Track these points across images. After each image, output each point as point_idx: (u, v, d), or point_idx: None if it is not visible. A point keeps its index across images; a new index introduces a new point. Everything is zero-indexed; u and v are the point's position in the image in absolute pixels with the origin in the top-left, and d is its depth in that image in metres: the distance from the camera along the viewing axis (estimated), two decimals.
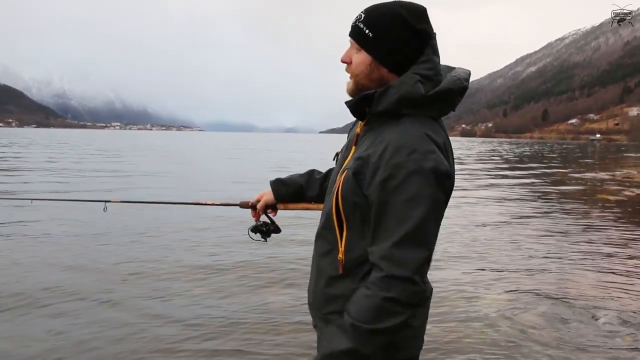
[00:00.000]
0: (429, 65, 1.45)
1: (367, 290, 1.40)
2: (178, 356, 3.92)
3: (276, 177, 2.02)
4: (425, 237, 1.37)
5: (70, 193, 13.39)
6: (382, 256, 1.37)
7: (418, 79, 1.42)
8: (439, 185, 1.36)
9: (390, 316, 1.37)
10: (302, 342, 4.14)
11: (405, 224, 1.34)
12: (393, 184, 1.36)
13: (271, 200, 1.98)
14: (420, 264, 1.36)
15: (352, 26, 1.52)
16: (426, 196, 1.34)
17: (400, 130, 1.41)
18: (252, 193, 2.16)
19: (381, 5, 1.49)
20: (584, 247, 7.94)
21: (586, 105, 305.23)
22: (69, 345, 4.02)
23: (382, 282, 1.36)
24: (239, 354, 3.97)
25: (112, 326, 4.40)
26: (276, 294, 5.35)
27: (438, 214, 1.40)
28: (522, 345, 4.21)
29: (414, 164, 1.34)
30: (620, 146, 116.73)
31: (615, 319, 4.80)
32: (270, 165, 27.45)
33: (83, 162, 25.51)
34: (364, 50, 1.50)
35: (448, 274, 6.16)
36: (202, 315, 4.72)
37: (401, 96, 1.41)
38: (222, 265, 6.36)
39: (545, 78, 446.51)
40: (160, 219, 9.26)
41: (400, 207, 1.35)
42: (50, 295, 5.11)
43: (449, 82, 1.45)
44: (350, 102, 1.53)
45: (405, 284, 1.35)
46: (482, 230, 9.17)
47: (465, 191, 15.43)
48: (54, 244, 7.34)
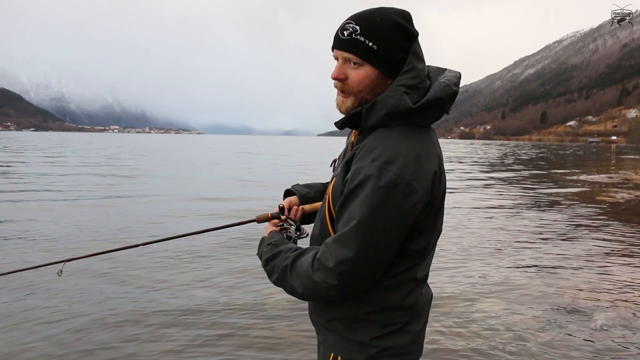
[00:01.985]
0: (413, 74, 1.41)
1: (310, 257, 1.43)
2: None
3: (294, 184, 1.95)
4: (360, 240, 1.33)
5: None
6: (325, 242, 1.40)
7: (403, 90, 1.39)
8: (394, 197, 1.31)
9: (296, 282, 1.44)
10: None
11: (348, 224, 1.35)
12: (351, 186, 1.36)
13: (295, 202, 1.86)
14: (348, 263, 1.34)
15: (346, 40, 1.42)
16: (374, 204, 1.32)
17: (379, 136, 1.40)
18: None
19: (371, 14, 1.42)
20: (580, 249, 7.96)
21: (584, 107, 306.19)
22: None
23: (315, 262, 1.40)
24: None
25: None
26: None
27: (387, 224, 1.33)
28: (518, 347, 4.23)
29: (372, 170, 1.32)
30: (619, 148, 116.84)
31: (610, 321, 4.82)
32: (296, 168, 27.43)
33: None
34: (368, 64, 1.42)
35: (445, 278, 6.18)
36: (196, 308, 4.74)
37: (388, 111, 1.39)
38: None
39: (543, 80, 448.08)
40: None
41: (351, 208, 1.36)
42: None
43: (437, 89, 1.41)
44: (339, 123, 1.52)
45: (327, 275, 1.37)
46: (478, 233, 9.19)
47: (461, 194, 15.48)
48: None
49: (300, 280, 1.43)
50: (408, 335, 1.49)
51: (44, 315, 4.75)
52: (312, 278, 1.39)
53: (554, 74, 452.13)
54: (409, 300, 1.48)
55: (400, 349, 1.48)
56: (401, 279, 1.46)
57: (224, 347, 4.20)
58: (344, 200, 1.39)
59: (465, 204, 13.24)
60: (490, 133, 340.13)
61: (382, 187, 1.31)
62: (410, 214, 1.35)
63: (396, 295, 1.46)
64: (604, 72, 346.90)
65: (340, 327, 1.51)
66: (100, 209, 11.50)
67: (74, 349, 4.08)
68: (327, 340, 1.57)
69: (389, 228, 1.34)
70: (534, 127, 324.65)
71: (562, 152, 74.33)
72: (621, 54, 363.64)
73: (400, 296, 1.47)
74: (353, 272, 1.36)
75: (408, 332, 1.50)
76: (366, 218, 1.32)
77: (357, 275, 1.37)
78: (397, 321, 1.48)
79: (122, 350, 4.09)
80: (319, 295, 1.43)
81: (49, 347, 4.10)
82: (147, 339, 4.29)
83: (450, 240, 8.43)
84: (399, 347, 1.48)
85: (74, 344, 4.16)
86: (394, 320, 1.48)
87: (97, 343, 4.20)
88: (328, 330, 1.56)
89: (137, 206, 11.98)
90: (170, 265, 6.55)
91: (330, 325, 1.54)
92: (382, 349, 1.47)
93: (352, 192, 1.36)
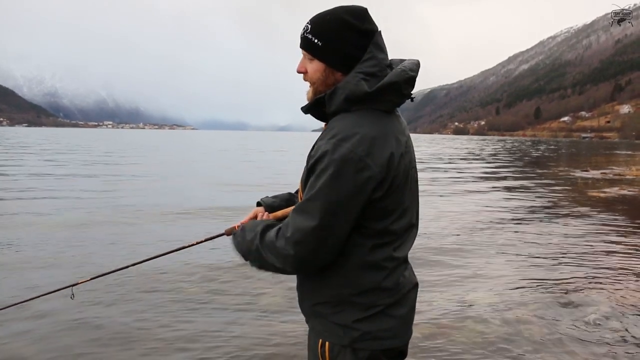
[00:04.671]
0: (372, 63, 1.51)
1: (276, 228, 1.56)
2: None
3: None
4: (315, 210, 1.43)
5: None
6: (289, 215, 1.53)
7: (362, 77, 1.49)
8: (346, 170, 1.41)
9: (269, 257, 1.54)
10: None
11: (305, 197, 1.48)
12: (311, 162, 1.49)
13: (261, 211, 1.91)
14: (303, 231, 1.44)
15: (301, 38, 1.59)
16: (328, 176, 1.42)
17: (339, 119, 1.52)
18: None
19: (324, 14, 1.56)
20: (574, 244, 7.99)
21: (578, 103, 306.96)
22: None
23: (280, 231, 1.52)
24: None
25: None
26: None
27: (340, 196, 1.42)
28: (513, 341, 4.23)
29: (329, 146, 1.44)
30: (612, 143, 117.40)
31: (605, 315, 4.83)
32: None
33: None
34: (316, 59, 1.57)
35: (440, 272, 6.19)
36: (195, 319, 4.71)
37: (346, 95, 1.49)
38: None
39: (537, 76, 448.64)
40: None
41: (310, 182, 1.48)
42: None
43: (393, 75, 1.50)
44: (305, 108, 1.65)
45: (285, 243, 1.48)
46: (473, 229, 9.21)
47: (451, 189, 15.51)
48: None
49: (270, 250, 1.53)
50: (391, 319, 1.54)
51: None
52: (276, 245, 1.50)
53: (547, 70, 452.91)
54: (388, 282, 1.54)
55: (383, 332, 1.53)
56: (376, 258, 1.52)
57: (223, 348, 4.18)
58: (306, 176, 1.52)
59: (454, 199, 13.27)
60: (485, 129, 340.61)
61: (334, 160, 1.41)
62: (363, 189, 1.43)
63: (375, 276, 1.53)
64: (598, 68, 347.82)
65: (325, 312, 1.58)
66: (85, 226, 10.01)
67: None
68: (315, 326, 1.63)
69: (342, 200, 1.43)
70: (528, 122, 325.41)
71: (570, 148, 74.56)
72: (614, 50, 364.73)
73: (379, 277, 1.53)
74: (307, 240, 1.45)
75: (391, 316, 1.55)
76: (320, 190, 1.43)
77: (311, 245, 1.45)
78: (379, 303, 1.53)
79: (111, 347, 4.06)
80: (283, 264, 1.51)
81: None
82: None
83: (441, 231, 8.45)
84: (382, 330, 1.53)
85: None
86: (375, 302, 1.53)
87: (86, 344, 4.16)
88: (315, 316, 1.62)
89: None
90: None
91: (316, 311, 1.61)
92: (365, 332, 1.52)
93: (312, 168, 1.49)
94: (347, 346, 1.53)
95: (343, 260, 1.53)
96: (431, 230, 8.66)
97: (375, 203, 1.47)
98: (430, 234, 8.35)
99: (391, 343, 1.55)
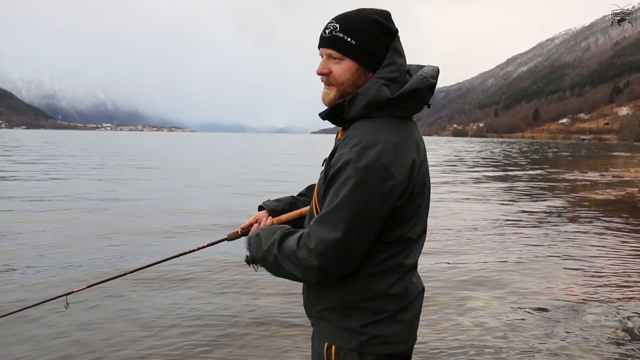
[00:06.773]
0: (393, 68, 1.49)
1: (297, 236, 1.50)
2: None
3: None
4: (340, 221, 1.39)
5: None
6: (309, 224, 1.49)
7: (383, 82, 1.47)
8: (371, 180, 1.37)
9: (289, 265, 1.49)
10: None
11: (328, 207, 1.42)
12: (333, 171, 1.44)
13: (262, 215, 1.91)
14: (327, 242, 1.40)
15: (327, 38, 1.53)
16: (352, 186, 1.38)
17: (360, 126, 1.48)
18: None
19: (352, 14, 1.53)
20: (572, 245, 8.01)
21: (577, 105, 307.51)
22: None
23: (300, 240, 1.46)
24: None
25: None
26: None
27: (365, 206, 1.39)
28: (511, 342, 4.25)
29: (352, 155, 1.39)
30: (610, 145, 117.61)
31: (602, 316, 4.85)
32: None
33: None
34: (348, 59, 1.51)
35: (439, 274, 6.20)
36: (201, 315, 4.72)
37: (368, 101, 1.46)
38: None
39: (536, 78, 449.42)
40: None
41: (332, 191, 1.43)
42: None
43: (415, 81, 1.48)
44: (323, 114, 1.60)
45: (308, 254, 1.43)
46: (471, 231, 9.22)
47: (451, 191, 15.51)
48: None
49: (290, 260, 1.48)
50: (398, 324, 1.53)
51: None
52: (297, 255, 1.45)
53: (546, 72, 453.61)
54: (397, 288, 1.53)
55: (390, 337, 1.52)
56: (388, 265, 1.51)
57: (222, 349, 4.18)
58: (327, 185, 1.46)
59: (453, 201, 13.28)
60: (483, 131, 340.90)
61: (359, 169, 1.37)
62: (388, 198, 1.41)
63: (384, 283, 1.51)
64: (596, 70, 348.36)
65: (333, 316, 1.56)
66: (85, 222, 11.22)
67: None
68: (320, 329, 1.62)
69: (367, 210, 1.39)
70: (527, 124, 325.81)
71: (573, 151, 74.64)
72: (613, 52, 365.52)
73: (388, 283, 1.51)
74: (331, 252, 1.41)
75: (398, 320, 1.53)
76: (345, 200, 1.38)
77: (336, 256, 1.42)
78: (387, 309, 1.52)
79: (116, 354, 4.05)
80: (304, 274, 1.47)
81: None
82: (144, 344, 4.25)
83: (442, 234, 8.46)
84: (388, 335, 1.52)
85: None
86: (384, 307, 1.52)
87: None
88: (321, 320, 1.61)
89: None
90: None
91: (323, 315, 1.59)
92: (372, 337, 1.51)
93: (333, 177, 1.44)
94: (354, 350, 1.52)
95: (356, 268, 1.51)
96: (431, 230, 8.66)
97: (395, 211, 1.45)
98: (430, 234, 8.34)
99: (397, 348, 1.54)
